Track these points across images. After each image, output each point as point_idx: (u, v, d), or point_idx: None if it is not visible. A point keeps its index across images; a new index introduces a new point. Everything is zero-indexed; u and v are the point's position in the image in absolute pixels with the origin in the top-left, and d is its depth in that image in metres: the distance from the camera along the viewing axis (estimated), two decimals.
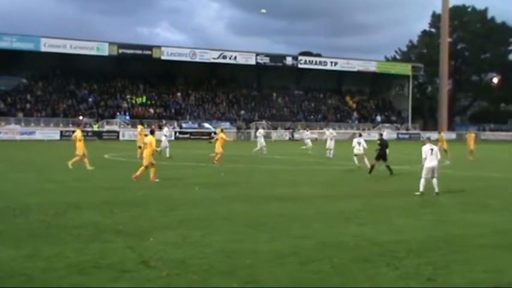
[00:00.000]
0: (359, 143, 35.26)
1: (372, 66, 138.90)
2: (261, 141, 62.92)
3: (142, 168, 32.17)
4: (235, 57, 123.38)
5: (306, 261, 14.74)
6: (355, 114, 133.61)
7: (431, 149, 29.20)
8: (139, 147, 49.05)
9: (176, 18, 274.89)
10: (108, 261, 14.44)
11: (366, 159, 40.53)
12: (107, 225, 19.61)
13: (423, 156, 29.53)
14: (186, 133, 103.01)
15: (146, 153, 32.92)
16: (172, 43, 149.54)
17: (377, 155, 39.49)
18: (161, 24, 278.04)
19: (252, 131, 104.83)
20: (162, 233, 18.33)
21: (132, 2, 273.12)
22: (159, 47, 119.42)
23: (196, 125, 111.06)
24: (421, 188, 28.33)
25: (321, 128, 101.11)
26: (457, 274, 12.89)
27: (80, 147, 39.71)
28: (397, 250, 16.19)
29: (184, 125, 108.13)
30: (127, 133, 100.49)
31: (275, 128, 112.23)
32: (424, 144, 30.49)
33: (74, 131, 42.93)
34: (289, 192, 29.97)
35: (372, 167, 39.56)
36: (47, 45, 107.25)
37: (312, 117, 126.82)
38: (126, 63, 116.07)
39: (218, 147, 44.68)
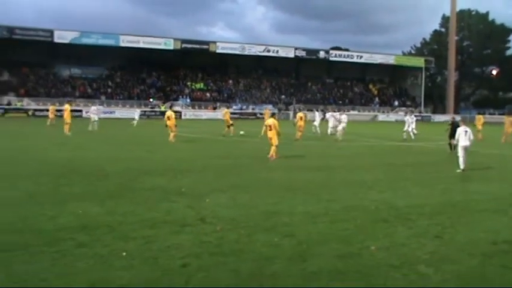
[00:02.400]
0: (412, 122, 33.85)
1: (391, 59, 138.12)
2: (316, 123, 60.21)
3: (274, 148, 30.35)
4: (277, 51, 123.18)
5: (334, 221, 14.79)
6: (376, 99, 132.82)
7: (466, 131, 27.99)
8: (228, 126, 50.24)
9: (229, 19, 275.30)
10: (172, 218, 14.63)
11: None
12: (172, 188, 19.71)
13: (457, 137, 28.62)
14: (236, 113, 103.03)
15: (272, 134, 30.29)
16: (226, 39, 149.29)
17: (449, 134, 38.72)
18: (217, 24, 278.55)
19: (290, 112, 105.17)
20: (216, 195, 18.43)
21: (193, 6, 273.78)
22: (214, 42, 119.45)
23: (244, 107, 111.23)
24: (462, 166, 27.17)
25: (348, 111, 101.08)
26: (461, 233, 12.85)
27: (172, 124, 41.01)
28: (410, 213, 16.17)
29: (234, 107, 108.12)
30: (188, 113, 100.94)
31: (310, 110, 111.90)
32: (459, 126, 29.28)
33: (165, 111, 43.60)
34: (318, 163, 29.97)
35: (450, 145, 38.78)
36: (125, 41, 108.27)
37: (340, 102, 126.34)
38: (188, 55, 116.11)
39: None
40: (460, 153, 27.70)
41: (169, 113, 42.04)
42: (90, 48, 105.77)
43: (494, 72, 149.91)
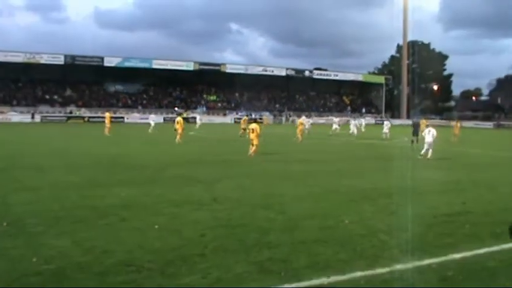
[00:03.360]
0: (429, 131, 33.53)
1: (359, 77, 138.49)
2: (336, 126, 59.48)
3: (254, 147, 28.99)
4: (272, 71, 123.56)
5: (316, 201, 14.83)
6: (348, 108, 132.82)
7: (429, 130, 29.93)
8: (243, 129, 48.22)
9: (237, 46, 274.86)
10: (193, 199, 14.65)
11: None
12: (191, 176, 19.75)
13: (423, 134, 31.13)
14: (241, 119, 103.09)
15: (254, 136, 29.08)
16: (233, 62, 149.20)
17: (412, 132, 39.73)
18: (227, 50, 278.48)
19: (283, 118, 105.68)
20: (225, 181, 18.49)
21: (209, 37, 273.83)
22: (224, 64, 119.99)
23: (248, 114, 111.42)
24: (422, 152, 29.38)
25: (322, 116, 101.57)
26: (411, 209, 12.83)
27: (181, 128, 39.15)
28: (374, 194, 16.21)
29: (239, 114, 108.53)
30: (204, 119, 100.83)
31: (299, 116, 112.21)
32: (419, 126, 36.24)
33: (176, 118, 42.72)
34: (305, 156, 29.98)
35: (412, 141, 39.05)
36: (156, 64, 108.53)
37: (321, 110, 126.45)
38: (204, 74, 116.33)
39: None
40: (425, 145, 29.58)
41: (178, 118, 40.87)
42: (130, 70, 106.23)
43: (435, 87, 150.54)
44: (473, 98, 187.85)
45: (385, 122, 55.62)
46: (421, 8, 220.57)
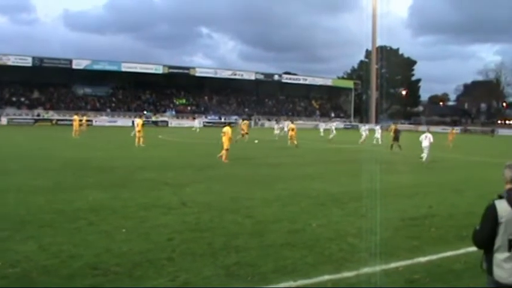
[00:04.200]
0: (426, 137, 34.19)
1: (328, 82, 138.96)
2: (332, 130, 58.45)
3: (224, 151, 28.48)
4: (242, 75, 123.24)
5: (285, 205, 14.89)
6: (317, 112, 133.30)
7: (426, 136, 31.05)
8: (243, 135, 48.15)
9: (207, 50, 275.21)
10: (161, 202, 14.63)
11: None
12: (160, 180, 19.65)
13: (420, 139, 31.88)
14: (210, 123, 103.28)
15: (225, 139, 28.51)
16: (203, 66, 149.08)
17: (393, 138, 40.01)
18: (197, 54, 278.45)
19: (252, 122, 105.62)
20: (194, 185, 18.46)
21: (180, 41, 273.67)
22: (194, 67, 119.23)
23: (217, 117, 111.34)
24: (424, 156, 30.67)
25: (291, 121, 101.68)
26: (379, 213, 12.95)
27: (141, 131, 38.60)
28: (343, 198, 16.36)
29: (209, 117, 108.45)
30: (173, 122, 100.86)
31: (269, 120, 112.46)
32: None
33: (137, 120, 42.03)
34: (274, 160, 29.98)
35: (392, 145, 39.75)
36: (125, 67, 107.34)
37: (290, 114, 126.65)
38: (173, 78, 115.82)
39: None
40: (424, 150, 30.91)
41: (138, 121, 40.35)
42: (99, 72, 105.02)
43: (403, 92, 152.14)
44: (441, 103, 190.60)
45: (376, 127, 55.63)
46: (390, 14, 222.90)
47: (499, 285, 5.00)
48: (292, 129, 43.69)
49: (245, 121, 55.28)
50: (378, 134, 52.70)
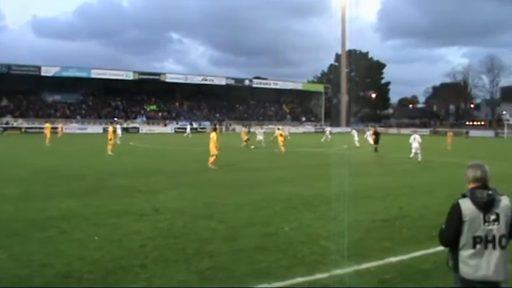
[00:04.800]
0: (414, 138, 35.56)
1: (299, 86, 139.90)
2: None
3: (210, 157, 27.93)
4: (212, 80, 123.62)
5: (257, 209, 14.94)
6: (288, 116, 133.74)
7: (415, 137, 33.75)
8: (245, 141, 47.79)
9: (177, 56, 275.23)
10: (133, 209, 14.59)
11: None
12: (132, 187, 19.61)
13: (410, 141, 34.38)
14: (182, 128, 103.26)
15: (211, 145, 27.93)
16: (174, 71, 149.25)
17: (374, 140, 41.86)
18: (168, 60, 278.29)
19: (223, 127, 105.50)
20: (167, 192, 18.43)
21: (150, 46, 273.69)
22: (164, 73, 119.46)
23: (188, 123, 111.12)
24: (415, 156, 33.51)
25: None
26: (350, 215, 13.06)
27: (112, 138, 38.17)
28: (314, 201, 16.44)
29: (180, 123, 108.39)
30: (144, 129, 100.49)
31: (242, 125, 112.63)
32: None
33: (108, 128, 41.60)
34: (245, 165, 30.05)
35: (376, 148, 41.13)
36: (95, 73, 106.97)
37: (261, 118, 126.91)
38: (144, 84, 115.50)
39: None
40: (413, 150, 33.65)
41: (110, 128, 39.72)
42: (68, 79, 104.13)
43: (373, 95, 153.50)
44: (410, 105, 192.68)
45: (353, 132, 55.84)
46: (359, 18, 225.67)
47: (464, 281, 5.14)
48: (281, 135, 43.05)
49: (244, 128, 54.84)
50: (357, 136, 52.86)
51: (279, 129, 46.37)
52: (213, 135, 28.40)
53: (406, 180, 23.43)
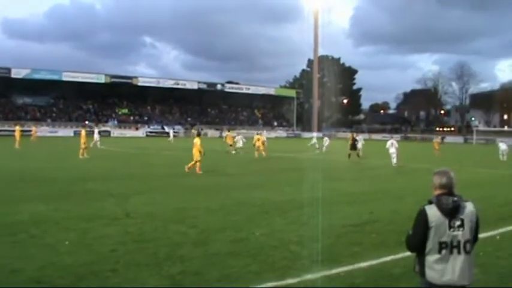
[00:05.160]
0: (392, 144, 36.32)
1: (271, 91, 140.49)
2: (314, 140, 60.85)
3: (193, 162, 27.64)
4: (184, 84, 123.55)
5: (229, 214, 14.95)
6: (260, 121, 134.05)
7: (392, 143, 35.02)
8: (231, 145, 47.72)
9: (150, 60, 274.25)
10: (104, 213, 14.51)
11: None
12: (103, 191, 19.49)
13: (387, 147, 35.53)
14: (153, 132, 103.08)
15: (194, 150, 27.77)
16: (146, 75, 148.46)
17: (350, 146, 41.39)
18: (140, 64, 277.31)
19: (194, 131, 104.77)
20: (138, 196, 18.35)
21: (123, 50, 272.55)
22: (136, 77, 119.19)
23: (159, 127, 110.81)
24: (394, 161, 34.51)
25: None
26: (321, 220, 13.15)
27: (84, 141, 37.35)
28: (286, 206, 16.51)
29: (151, 127, 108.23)
30: (116, 132, 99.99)
31: (215, 129, 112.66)
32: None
33: (80, 131, 41.23)
34: (217, 170, 30.01)
35: (349, 155, 40.85)
36: (66, 76, 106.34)
37: (233, 123, 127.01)
38: (115, 87, 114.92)
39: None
40: (392, 155, 34.41)
41: (82, 132, 38.89)
42: (39, 82, 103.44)
43: (345, 101, 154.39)
44: (382, 111, 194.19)
45: (325, 138, 55.82)
46: (332, 24, 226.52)
47: (431, 286, 5.27)
48: (258, 140, 42.93)
49: (228, 133, 54.49)
50: (327, 142, 53.09)
51: (258, 133, 46.37)
52: (197, 140, 28.11)
53: (378, 186, 23.63)
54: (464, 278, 5.20)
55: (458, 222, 5.21)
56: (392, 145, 34.96)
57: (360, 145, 48.77)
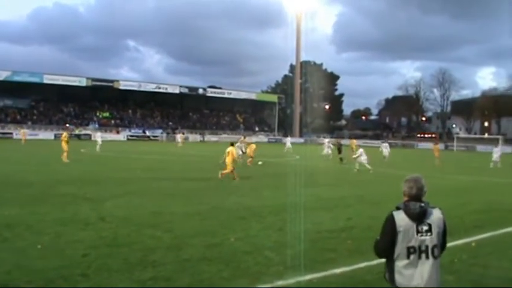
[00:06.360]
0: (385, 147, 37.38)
1: (253, 96, 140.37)
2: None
3: (228, 172, 27.14)
4: (166, 88, 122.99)
5: (204, 219, 14.91)
6: (241, 126, 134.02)
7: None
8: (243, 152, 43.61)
9: (134, 63, 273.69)
10: (79, 217, 14.40)
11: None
12: (79, 194, 19.36)
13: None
14: (134, 136, 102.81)
15: (229, 159, 27.33)
16: (128, 78, 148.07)
17: (338, 151, 43.07)
18: (123, 67, 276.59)
19: (177, 136, 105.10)
20: (114, 200, 18.26)
21: (106, 53, 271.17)
22: (118, 80, 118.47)
23: (141, 131, 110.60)
24: (368, 167, 34.47)
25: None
26: (296, 226, 13.16)
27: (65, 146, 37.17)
28: (262, 211, 16.47)
29: (132, 131, 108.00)
30: (97, 135, 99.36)
31: (199, 133, 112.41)
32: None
33: (62, 134, 40.98)
34: (196, 175, 29.91)
35: (341, 159, 42.21)
36: (48, 79, 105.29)
37: (215, 127, 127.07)
38: (97, 90, 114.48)
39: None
40: (363, 162, 34.64)
41: (64, 135, 38.78)
42: (20, 84, 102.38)
43: (326, 107, 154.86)
44: (363, 117, 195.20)
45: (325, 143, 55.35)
46: (315, 30, 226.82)
47: None
48: (233, 148, 41.57)
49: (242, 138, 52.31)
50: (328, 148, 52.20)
51: (244, 138, 46.42)
52: (232, 149, 27.86)
53: (357, 191, 23.74)
54: (432, 283, 5.24)
55: (425, 227, 5.27)
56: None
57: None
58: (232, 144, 29.31)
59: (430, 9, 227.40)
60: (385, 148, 44.42)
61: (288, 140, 66.08)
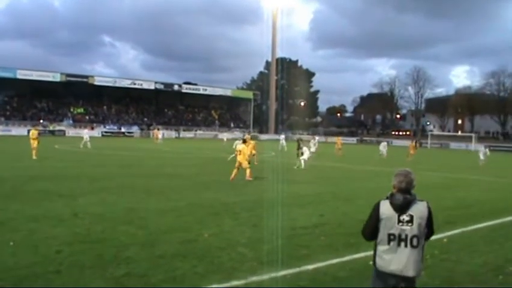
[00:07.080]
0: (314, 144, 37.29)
1: (228, 92, 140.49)
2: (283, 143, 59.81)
3: (247, 170, 26.06)
4: (141, 84, 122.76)
5: (179, 215, 14.86)
6: (217, 122, 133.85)
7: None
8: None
9: (108, 59, 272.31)
10: (52, 214, 14.27)
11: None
12: (53, 191, 19.20)
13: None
14: (109, 132, 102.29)
15: (242, 157, 26.08)
16: (102, 74, 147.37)
17: (297, 147, 41.50)
18: (98, 63, 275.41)
19: (151, 132, 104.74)
20: (88, 196, 18.14)
21: (81, 48, 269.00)
22: (92, 76, 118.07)
23: (116, 127, 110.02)
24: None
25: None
26: (271, 222, 13.22)
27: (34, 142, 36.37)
28: (236, 207, 16.50)
29: (107, 127, 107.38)
30: (71, 131, 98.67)
31: (175, 130, 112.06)
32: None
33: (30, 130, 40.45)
34: (171, 171, 29.87)
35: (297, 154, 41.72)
36: (21, 74, 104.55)
37: (190, 123, 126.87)
38: (71, 86, 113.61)
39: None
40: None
41: (32, 132, 38.22)
42: None
43: (302, 103, 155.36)
44: (338, 114, 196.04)
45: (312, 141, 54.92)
46: (291, 27, 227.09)
47: (378, 273, 5.73)
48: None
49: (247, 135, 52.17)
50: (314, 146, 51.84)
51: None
52: (244, 147, 26.84)
53: (331, 188, 23.82)
54: (409, 269, 5.58)
55: (407, 218, 5.58)
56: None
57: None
58: (244, 142, 28.66)
59: (405, 7, 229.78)
60: (383, 148, 47.70)
61: (282, 138, 65.87)
